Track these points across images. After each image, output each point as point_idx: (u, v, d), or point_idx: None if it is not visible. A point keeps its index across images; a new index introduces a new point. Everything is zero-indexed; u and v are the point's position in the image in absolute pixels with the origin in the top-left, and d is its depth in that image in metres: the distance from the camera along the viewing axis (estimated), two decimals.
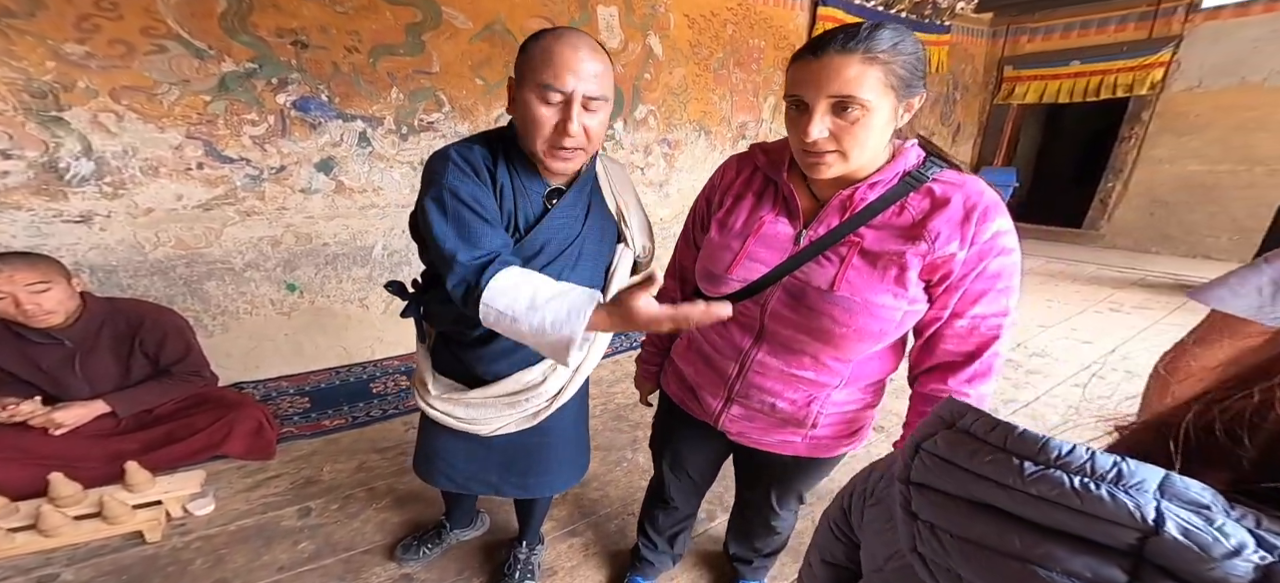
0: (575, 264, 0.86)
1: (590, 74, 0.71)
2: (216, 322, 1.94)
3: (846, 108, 0.59)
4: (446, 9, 1.95)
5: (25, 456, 1.38)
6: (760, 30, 2.97)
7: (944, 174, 0.66)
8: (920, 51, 0.60)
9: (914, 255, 0.64)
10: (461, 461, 1.01)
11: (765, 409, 0.78)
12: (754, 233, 0.72)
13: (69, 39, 1.44)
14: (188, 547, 1.34)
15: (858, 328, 0.67)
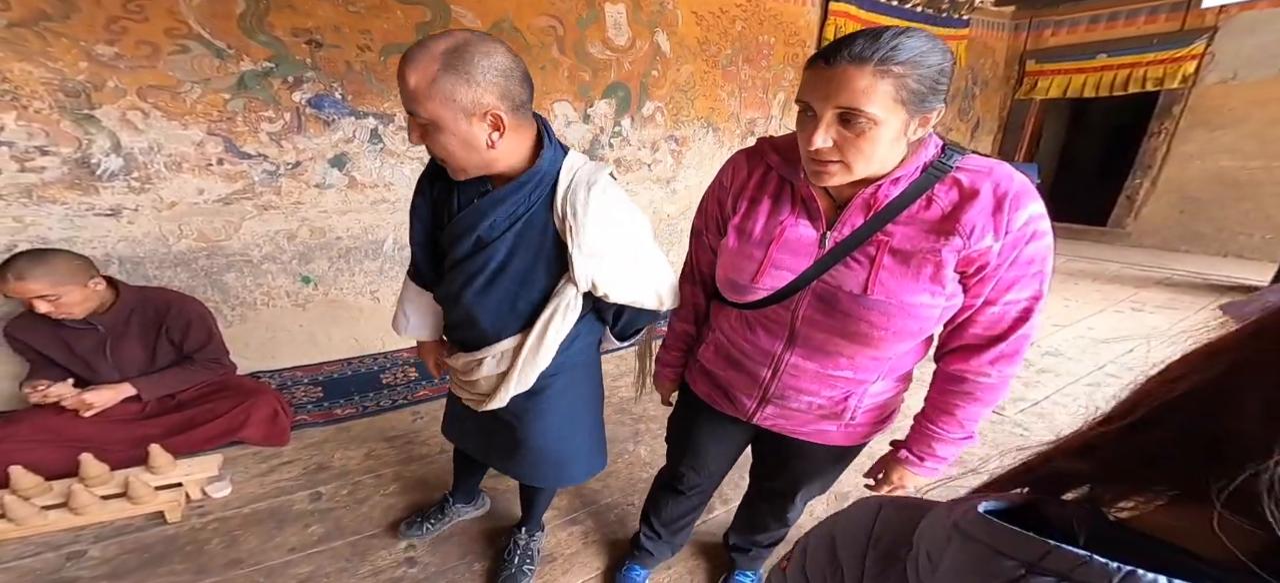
0: (487, 285, 0.82)
1: (410, 95, 0.67)
2: (235, 312, 2.01)
3: (853, 120, 0.57)
4: (455, 8, 1.99)
5: (58, 438, 1.46)
6: (770, 27, 2.96)
7: (967, 161, 0.64)
8: (945, 64, 0.57)
9: (949, 251, 0.62)
10: (467, 428, 1.10)
11: (803, 408, 0.79)
12: (777, 239, 0.71)
13: (99, 40, 1.52)
14: (205, 527, 1.40)
15: (896, 330, 0.66)
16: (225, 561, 1.31)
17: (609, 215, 0.79)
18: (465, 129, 0.69)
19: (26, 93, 1.49)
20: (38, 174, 1.57)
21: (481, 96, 0.68)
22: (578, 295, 0.83)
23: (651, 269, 0.87)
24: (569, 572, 1.34)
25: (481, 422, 1.04)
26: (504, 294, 0.83)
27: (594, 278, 0.81)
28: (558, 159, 0.80)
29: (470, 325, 0.89)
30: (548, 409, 0.98)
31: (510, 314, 0.85)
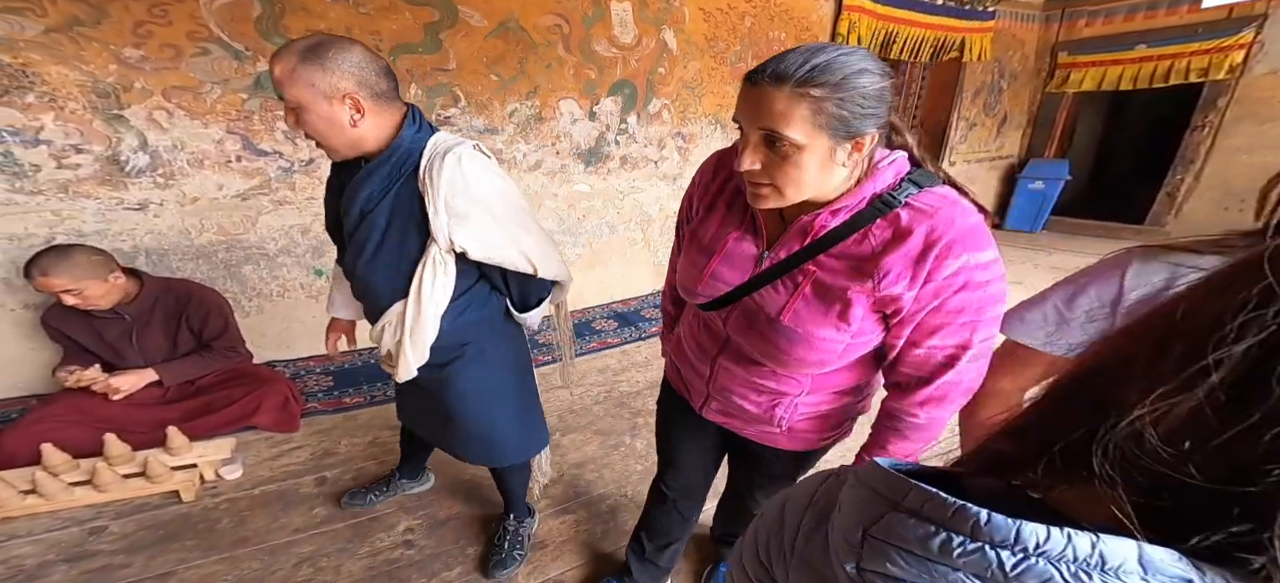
0: (375, 252, 0.92)
1: (277, 83, 0.78)
2: (252, 303, 2.11)
3: (776, 142, 0.56)
4: (462, 7, 2.04)
5: (86, 419, 1.56)
6: (781, 22, 2.93)
7: (920, 197, 0.60)
8: (873, 86, 0.55)
9: (859, 292, 0.61)
10: (408, 407, 1.23)
11: (736, 410, 0.80)
12: (720, 250, 0.72)
13: (127, 44, 1.62)
14: (217, 507, 1.47)
15: (799, 357, 0.67)
16: (233, 539, 1.37)
17: (466, 178, 0.87)
18: (326, 110, 0.80)
19: (62, 94, 1.60)
20: (73, 171, 1.69)
21: (338, 83, 0.79)
22: (444, 255, 0.92)
23: (518, 232, 0.95)
24: (559, 559, 1.36)
25: (418, 401, 1.14)
26: (390, 260, 0.93)
27: (453, 236, 0.89)
28: (423, 137, 0.89)
29: (369, 295, 1.00)
30: (459, 381, 1.05)
31: (397, 278, 0.94)
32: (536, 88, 2.34)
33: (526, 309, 1.07)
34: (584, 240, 2.83)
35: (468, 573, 1.31)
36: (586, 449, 1.78)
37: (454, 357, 1.03)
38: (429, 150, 0.88)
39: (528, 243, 0.96)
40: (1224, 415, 0.18)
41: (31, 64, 1.54)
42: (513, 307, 1.08)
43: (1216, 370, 0.18)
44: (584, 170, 2.66)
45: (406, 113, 0.89)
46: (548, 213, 2.63)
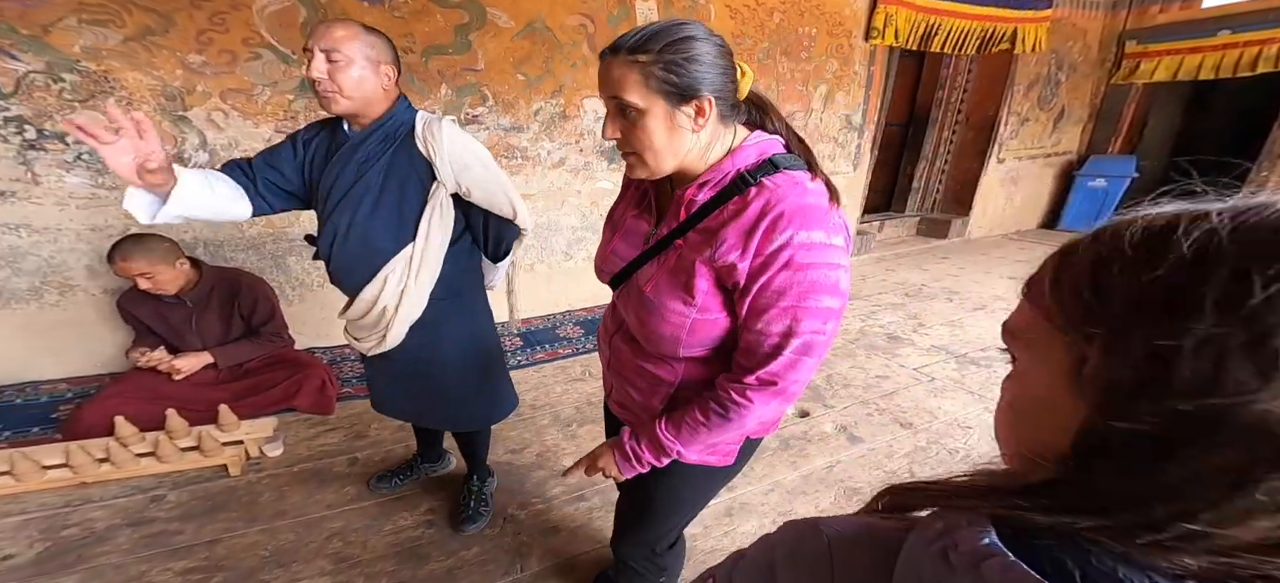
0: (375, 204, 1.06)
1: (335, 38, 0.94)
2: (295, 292, 2.28)
3: (625, 110, 0.61)
4: (491, 9, 2.13)
5: (152, 396, 1.74)
6: (811, 17, 2.89)
7: (776, 177, 0.62)
8: (698, 51, 0.58)
9: (701, 263, 0.63)
10: (382, 388, 1.32)
11: (628, 400, 0.81)
12: (621, 227, 0.78)
13: (191, 50, 1.79)
14: (259, 481, 1.61)
15: (654, 329, 0.69)
16: (273, 512, 1.49)
17: (459, 138, 1.08)
18: (363, 70, 0.98)
19: (137, 98, 1.79)
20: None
21: (383, 55, 1.01)
22: (448, 197, 1.09)
23: (502, 181, 1.14)
24: (573, 543, 1.42)
25: (392, 381, 1.27)
26: (391, 209, 1.07)
27: (459, 178, 1.07)
28: (411, 111, 1.09)
29: (366, 253, 1.09)
30: (439, 341, 1.20)
31: (400, 225, 1.08)
32: (561, 87, 2.41)
33: (499, 259, 1.25)
34: None
35: (485, 550, 1.39)
36: (603, 439, 1.83)
37: (433, 317, 1.16)
38: (421, 120, 1.07)
39: (509, 191, 1.15)
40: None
41: (112, 71, 1.73)
42: (487, 256, 1.24)
43: None
44: (607, 168, 2.71)
45: (400, 94, 1.09)
46: (571, 209, 2.69)
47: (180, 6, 1.72)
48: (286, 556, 1.35)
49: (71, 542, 1.34)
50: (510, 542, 1.42)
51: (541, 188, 2.54)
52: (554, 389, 2.16)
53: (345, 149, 1.05)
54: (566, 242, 2.73)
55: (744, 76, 0.65)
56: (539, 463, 1.74)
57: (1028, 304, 0.29)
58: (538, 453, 1.79)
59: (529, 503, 1.56)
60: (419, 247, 1.09)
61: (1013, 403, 0.30)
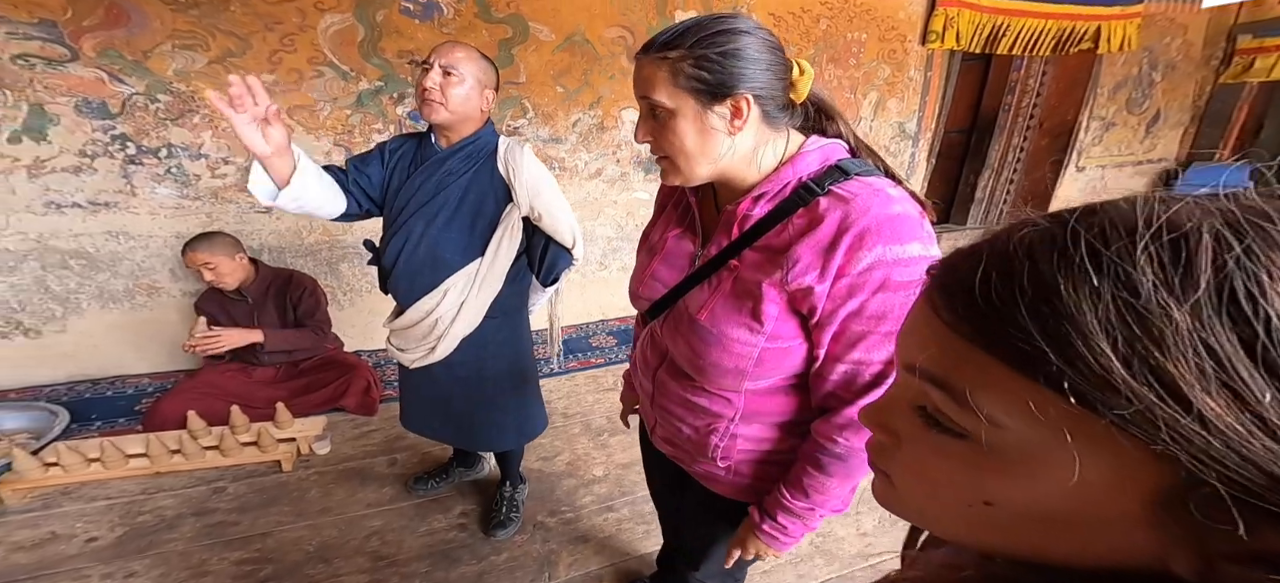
0: (451, 218, 1.16)
1: (454, 57, 1.06)
2: (346, 297, 2.45)
3: (655, 110, 0.60)
4: (533, 23, 2.24)
5: (219, 392, 1.92)
6: (861, 22, 2.82)
7: (847, 185, 0.57)
8: (732, 46, 0.56)
9: (770, 286, 0.59)
10: (416, 403, 1.40)
11: (677, 437, 0.77)
12: (660, 249, 0.73)
13: (264, 69, 1.99)
14: (308, 478, 1.73)
15: (714, 361, 0.64)
16: (319, 508, 1.60)
17: (536, 165, 1.18)
18: (472, 88, 1.09)
19: (218, 116, 2.02)
20: (221, 180, 2.11)
21: (488, 81, 1.13)
22: (518, 219, 1.19)
23: (566, 209, 1.23)
24: (600, 554, 1.44)
25: (428, 397, 1.35)
26: (464, 224, 1.17)
27: (533, 202, 1.17)
28: (495, 134, 1.20)
29: (433, 263, 1.17)
30: (484, 359, 1.28)
31: (470, 239, 1.18)
32: (599, 98, 2.48)
33: (549, 282, 1.33)
34: None
35: (514, 557, 1.43)
36: (635, 452, 1.85)
37: (492, 329, 1.26)
38: (503, 144, 1.18)
39: (573, 221, 1.24)
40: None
41: (198, 91, 1.95)
42: (538, 279, 1.33)
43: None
44: (644, 179, 2.75)
45: (489, 119, 1.21)
46: (607, 219, 2.75)
47: (256, 29, 1.93)
48: (329, 551, 1.45)
49: (145, 528, 1.49)
50: (539, 549, 1.45)
51: (578, 198, 2.62)
52: (586, 398, 2.21)
53: (431, 162, 1.14)
54: (601, 252, 2.79)
55: (803, 75, 0.60)
56: (569, 471, 1.78)
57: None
58: (568, 461, 1.83)
59: (558, 511, 1.60)
60: (486, 263, 1.18)
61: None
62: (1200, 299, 0.17)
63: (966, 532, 0.25)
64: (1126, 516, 0.20)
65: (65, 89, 1.80)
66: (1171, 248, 0.18)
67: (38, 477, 1.56)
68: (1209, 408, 0.17)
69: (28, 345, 2.09)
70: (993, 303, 0.21)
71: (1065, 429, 0.20)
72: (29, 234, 1.95)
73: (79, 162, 1.90)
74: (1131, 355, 0.18)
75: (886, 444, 0.28)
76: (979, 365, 0.22)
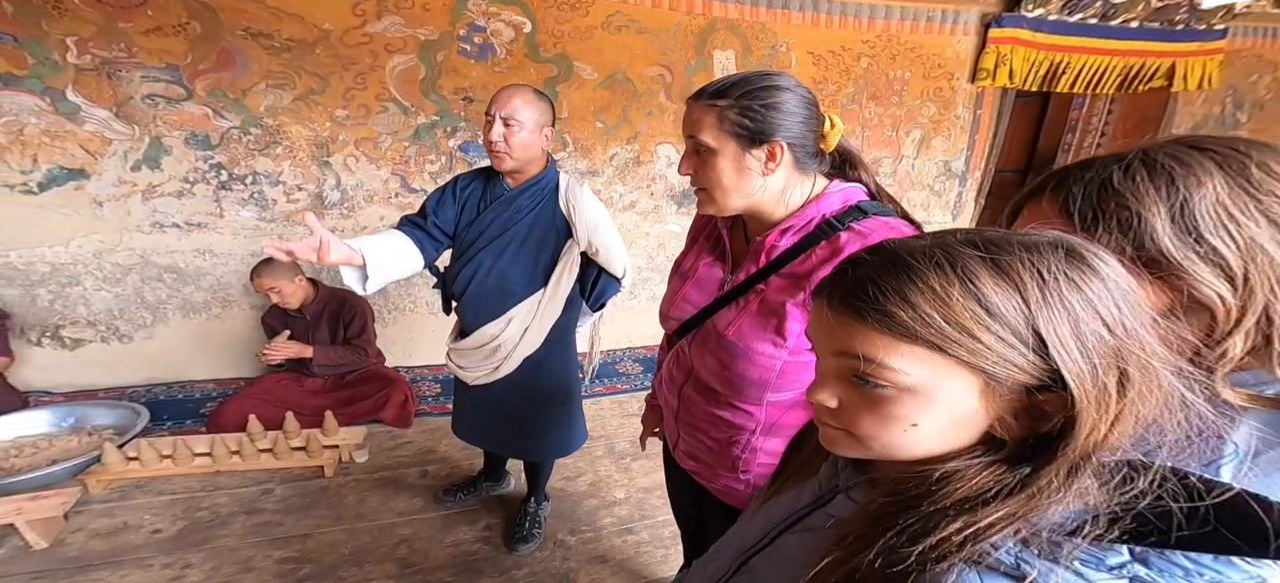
0: (518, 251, 1.31)
1: (511, 105, 1.20)
2: (391, 315, 2.69)
3: (699, 148, 0.72)
4: (577, 63, 2.47)
5: (274, 399, 2.15)
6: (905, 61, 2.90)
7: (866, 222, 0.68)
8: (780, 102, 0.68)
9: (793, 305, 0.68)
10: (469, 414, 1.54)
11: (700, 451, 0.85)
12: (692, 274, 0.84)
13: (338, 106, 2.31)
14: (346, 484, 1.89)
15: (740, 372, 0.73)
16: (355, 514, 1.75)
17: (592, 202, 1.33)
18: (532, 132, 1.23)
19: (297, 147, 2.33)
20: (294, 204, 2.42)
21: (544, 119, 1.26)
22: (577, 254, 1.34)
23: (618, 241, 1.37)
24: (618, 574, 1.50)
25: (483, 410, 1.49)
26: (530, 257, 1.33)
27: (590, 238, 1.32)
28: (556, 171, 1.35)
29: (500, 293, 1.33)
30: (540, 377, 1.42)
31: (533, 270, 1.34)
32: (637, 133, 2.68)
33: (597, 308, 1.47)
34: None
35: (534, 572, 1.50)
36: (657, 476, 1.90)
37: (548, 351, 1.40)
38: (563, 181, 1.33)
39: (623, 253, 1.38)
40: None
41: (283, 125, 2.29)
42: (587, 303, 1.46)
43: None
44: (676, 211, 2.90)
45: (549, 156, 1.36)
46: (638, 251, 2.91)
47: (335, 69, 2.25)
48: (362, 555, 1.58)
49: (201, 523, 1.67)
50: (558, 566, 1.52)
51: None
52: (611, 422, 2.31)
53: (501, 200, 1.31)
54: (631, 281, 2.87)
55: (833, 128, 0.72)
56: (591, 492, 1.85)
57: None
58: (591, 482, 1.91)
59: (579, 530, 1.67)
60: (548, 293, 1.34)
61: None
62: (959, 287, 0.34)
63: (907, 449, 0.38)
64: (974, 410, 0.36)
65: (179, 124, 2.17)
66: (935, 264, 0.35)
67: (119, 469, 1.79)
68: (984, 340, 0.33)
69: (120, 349, 2.42)
70: (879, 301, 0.35)
71: (934, 367, 0.35)
72: (135, 250, 2.30)
73: (182, 186, 2.26)
74: (947, 317, 0.34)
75: (832, 408, 0.41)
76: (869, 338, 0.36)
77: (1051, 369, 0.33)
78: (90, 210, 2.18)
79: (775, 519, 0.53)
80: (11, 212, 2.10)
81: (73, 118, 2.04)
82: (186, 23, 2.01)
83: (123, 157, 2.15)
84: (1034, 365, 0.33)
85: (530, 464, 1.64)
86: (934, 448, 0.38)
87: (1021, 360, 0.33)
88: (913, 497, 0.37)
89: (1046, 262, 0.33)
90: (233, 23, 2.05)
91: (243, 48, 2.11)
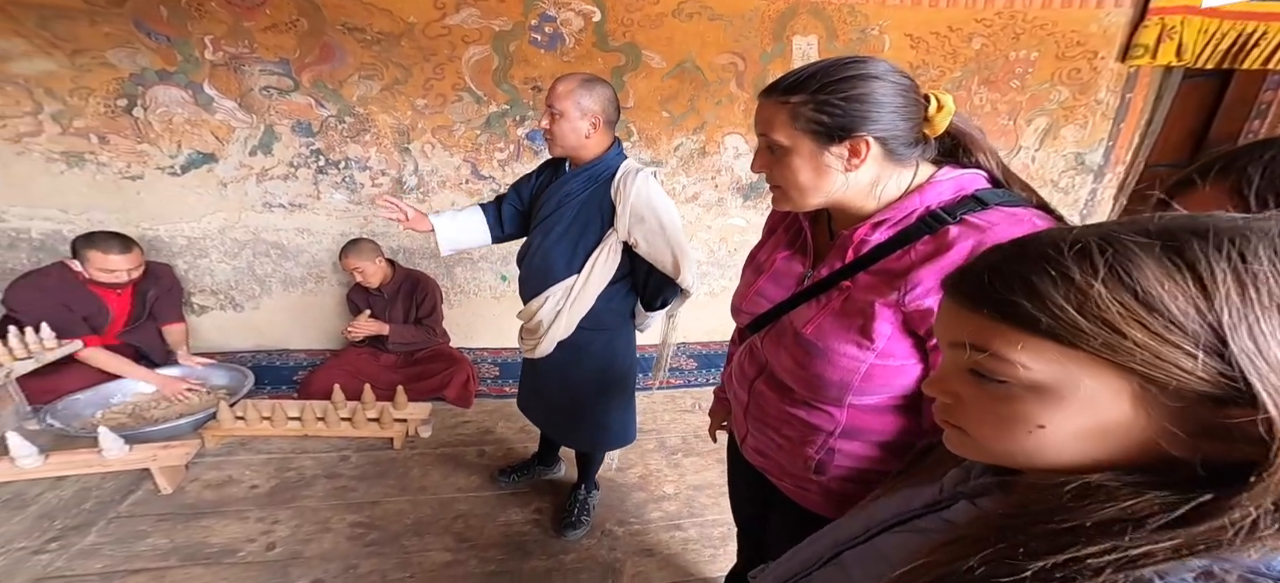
0: (563, 233, 1.35)
1: (557, 95, 1.25)
2: (457, 297, 2.88)
3: (772, 146, 0.68)
4: (646, 51, 2.48)
5: (354, 371, 2.37)
6: (1032, 39, 2.59)
7: (985, 214, 0.61)
8: (867, 93, 0.61)
9: (884, 305, 0.63)
10: (525, 387, 1.64)
11: (770, 447, 0.82)
12: (768, 268, 0.81)
13: (418, 95, 2.50)
14: (412, 457, 2.04)
15: (817, 372, 0.69)
16: (418, 486, 1.88)
17: (649, 194, 1.29)
18: (571, 120, 1.26)
19: (383, 134, 2.56)
20: (378, 188, 2.65)
21: (591, 105, 1.26)
22: (618, 243, 1.33)
23: (674, 240, 1.31)
24: (665, 570, 1.50)
25: (536, 386, 1.56)
26: (572, 240, 1.35)
27: (632, 229, 1.30)
28: (618, 159, 1.34)
29: (543, 268, 1.38)
30: (583, 363, 1.44)
31: (573, 255, 1.36)
32: (704, 123, 2.64)
33: (652, 309, 1.45)
34: (733, 273, 2.96)
35: (581, 559, 1.52)
36: (707, 475, 1.88)
37: (583, 341, 1.42)
38: (621, 169, 1.32)
39: (680, 252, 1.33)
40: None
41: (371, 113, 2.52)
42: (642, 303, 1.45)
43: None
44: (742, 204, 2.83)
45: (614, 140, 1.36)
46: (699, 244, 2.87)
47: (417, 61, 2.43)
48: (422, 526, 1.69)
49: (289, 482, 1.88)
50: (605, 555, 1.54)
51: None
52: (662, 416, 2.32)
53: (558, 182, 1.38)
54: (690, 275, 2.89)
55: (940, 110, 0.65)
56: (641, 485, 1.86)
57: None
58: (641, 475, 1.92)
59: (627, 522, 1.68)
60: (581, 280, 1.35)
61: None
62: (1105, 277, 0.31)
63: (1034, 453, 0.35)
64: (1126, 418, 0.32)
65: (287, 113, 2.46)
66: (1079, 253, 0.32)
67: (229, 427, 2.06)
68: (1133, 337, 0.30)
69: (234, 317, 2.81)
70: (998, 289, 0.34)
71: (1065, 363, 0.32)
72: (250, 227, 2.65)
73: (288, 171, 2.56)
74: (1083, 308, 0.31)
75: (950, 405, 0.39)
76: (987, 328, 0.34)
77: (1238, 379, 0.28)
78: (217, 191, 2.54)
79: (879, 518, 0.51)
80: (161, 191, 2.50)
81: (207, 108, 2.39)
82: (296, 19, 2.27)
83: (243, 143, 2.47)
84: (1210, 371, 0.29)
85: (580, 453, 1.68)
86: (1069, 456, 0.34)
87: (1190, 364, 0.29)
88: (1041, 510, 0.33)
89: (1253, 249, 0.28)
90: (334, 18, 2.29)
91: (341, 41, 2.35)
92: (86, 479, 1.78)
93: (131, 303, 2.27)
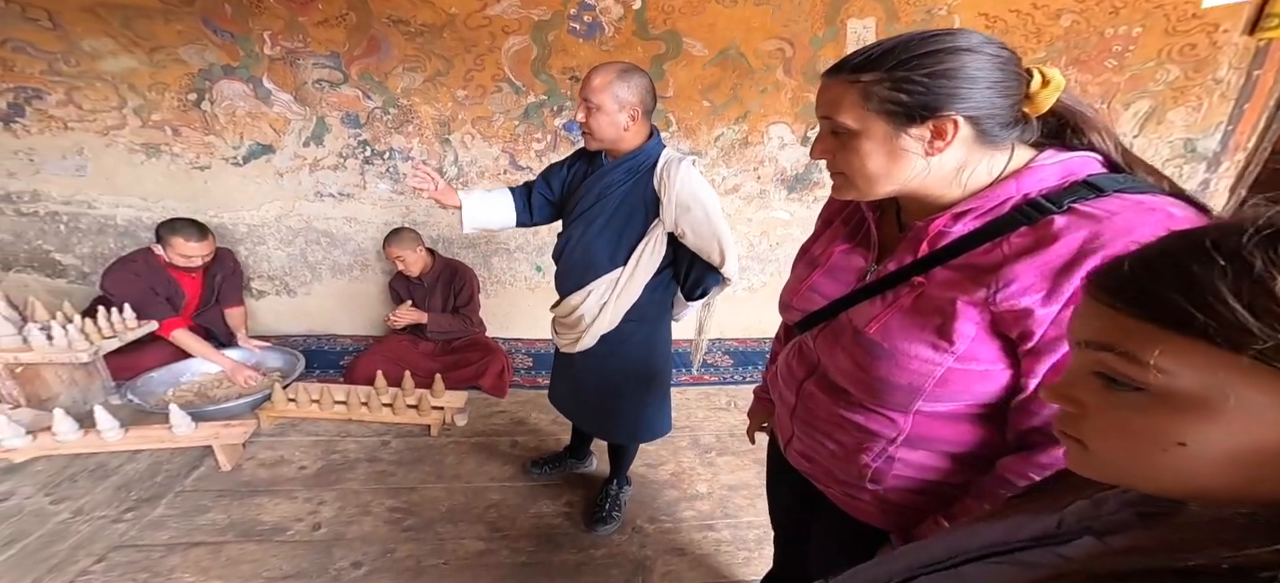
0: (604, 225, 1.34)
1: (592, 87, 1.22)
2: (494, 288, 2.94)
3: (838, 130, 0.62)
4: (687, 39, 2.42)
5: (396, 358, 2.47)
6: (1134, 13, 2.35)
7: (1102, 202, 0.53)
8: (957, 67, 0.55)
9: (968, 303, 0.57)
10: (559, 381, 1.64)
11: (818, 452, 0.77)
12: (824, 262, 0.76)
13: (459, 87, 2.55)
14: (448, 445, 2.10)
15: (880, 376, 0.64)
16: (452, 473, 1.93)
17: (693, 183, 1.28)
18: (612, 115, 1.24)
19: (425, 125, 2.63)
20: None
21: (628, 97, 1.24)
22: (663, 234, 1.32)
23: (719, 229, 1.30)
24: (696, 570, 1.49)
25: (570, 380, 1.55)
26: (615, 232, 1.35)
27: (678, 220, 1.29)
28: (659, 149, 1.33)
29: (585, 262, 1.37)
30: (618, 354, 1.44)
31: (617, 248, 1.36)
32: (747, 112, 2.56)
33: (692, 298, 1.44)
34: (773, 268, 2.90)
35: (611, 554, 1.52)
36: (742, 475, 1.85)
37: (625, 333, 1.42)
38: (662, 158, 1.31)
39: (724, 241, 1.33)
40: None
41: (414, 105, 2.59)
42: (683, 293, 1.45)
43: None
44: (786, 196, 2.74)
45: (653, 129, 1.34)
46: (738, 237, 2.76)
47: (458, 52, 2.48)
48: (456, 514, 1.74)
49: (334, 465, 1.97)
50: (635, 552, 1.54)
51: None
52: (696, 413, 2.29)
53: (596, 174, 1.37)
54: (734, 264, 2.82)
55: (1046, 86, 0.58)
56: (673, 482, 1.84)
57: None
58: (673, 472, 1.90)
59: (658, 519, 1.67)
60: (627, 273, 1.35)
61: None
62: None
63: (1170, 476, 0.31)
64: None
65: (337, 105, 2.57)
66: (1267, 239, 0.27)
67: (282, 408, 2.19)
68: None
69: (288, 302, 2.98)
70: (1142, 279, 0.30)
71: (1215, 370, 0.27)
72: (303, 216, 2.80)
73: (337, 161, 2.69)
74: (1256, 305, 0.26)
75: (1073, 414, 0.35)
76: (1140, 331, 0.30)
77: None
78: (274, 180, 2.69)
79: (972, 544, 0.46)
80: (224, 180, 2.67)
81: (266, 101, 2.52)
82: (346, 13, 2.36)
83: (298, 134, 2.60)
84: None
85: (613, 446, 1.68)
86: (1219, 483, 0.29)
87: None
88: (1179, 544, 0.28)
89: None
90: (380, 11, 2.36)
91: (386, 34, 2.42)
92: (158, 454, 1.93)
93: (202, 286, 2.46)
